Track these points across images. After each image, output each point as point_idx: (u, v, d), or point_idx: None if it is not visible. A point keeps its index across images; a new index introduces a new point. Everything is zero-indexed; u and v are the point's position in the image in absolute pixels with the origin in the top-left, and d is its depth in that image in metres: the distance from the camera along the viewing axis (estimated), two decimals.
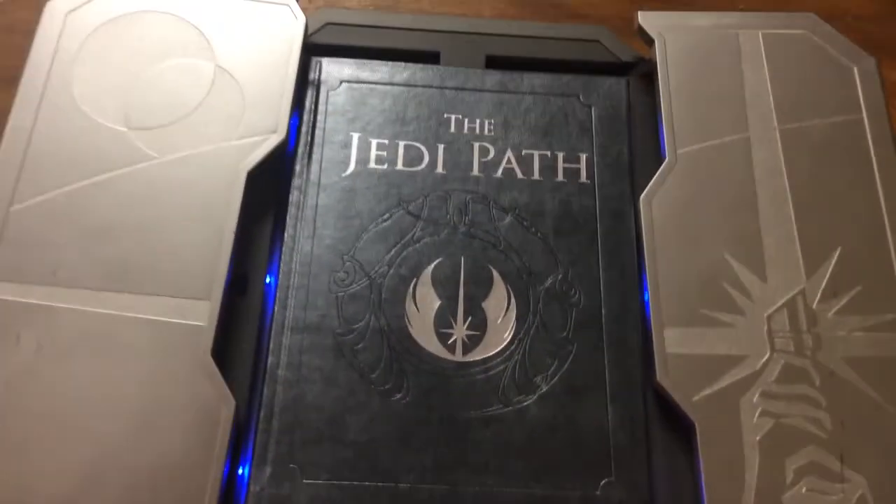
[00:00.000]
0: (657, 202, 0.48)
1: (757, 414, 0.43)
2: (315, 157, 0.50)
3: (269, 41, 0.51)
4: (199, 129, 0.48)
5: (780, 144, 0.49)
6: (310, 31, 0.53)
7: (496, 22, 0.56)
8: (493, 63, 0.54)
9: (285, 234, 0.47)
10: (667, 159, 0.48)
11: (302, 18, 0.52)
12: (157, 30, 0.51)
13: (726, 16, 0.52)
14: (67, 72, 0.49)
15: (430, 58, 0.54)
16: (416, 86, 0.52)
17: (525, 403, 0.43)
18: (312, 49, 0.53)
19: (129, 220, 0.46)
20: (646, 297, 0.46)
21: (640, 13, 0.52)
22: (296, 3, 0.52)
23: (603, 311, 0.46)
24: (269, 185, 0.49)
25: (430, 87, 0.52)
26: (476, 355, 0.45)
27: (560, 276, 0.47)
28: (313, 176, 0.49)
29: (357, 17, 0.55)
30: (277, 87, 0.50)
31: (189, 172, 0.47)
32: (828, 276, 0.46)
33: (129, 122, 0.48)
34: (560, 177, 0.50)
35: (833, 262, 0.46)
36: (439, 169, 0.50)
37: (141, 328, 0.43)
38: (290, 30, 0.52)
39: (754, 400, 0.43)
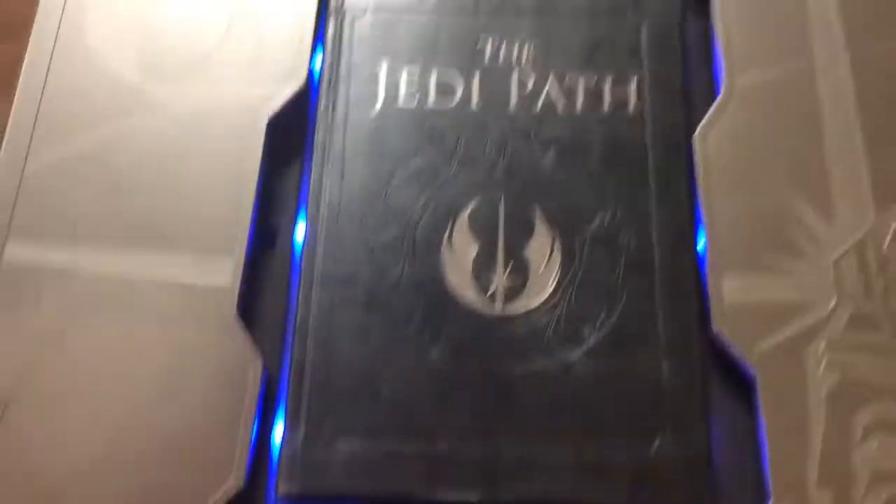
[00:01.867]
0: (713, 138, 0.45)
1: (823, 366, 0.41)
2: (341, 93, 0.48)
3: None
4: (215, 76, 0.47)
5: (848, 72, 0.46)
6: None
7: None
8: None
9: (311, 180, 0.46)
10: (723, 90, 0.46)
11: None
12: None
13: None
14: (80, 19, 0.48)
15: None
16: (448, 10, 0.50)
17: (572, 357, 0.42)
18: None
19: (148, 173, 0.45)
20: (700, 241, 0.44)
21: None
22: None
23: (655, 255, 0.44)
24: (293, 128, 0.48)
25: (465, 10, 0.50)
26: (518, 307, 0.43)
27: (608, 217, 0.45)
28: (339, 115, 0.47)
29: None
30: (297, 26, 0.48)
31: (207, 122, 0.46)
32: None
33: (144, 70, 0.47)
34: (607, 107, 0.47)
35: None
36: (474, 102, 0.48)
37: (165, 288, 0.43)
38: None
39: (820, 350, 0.41)
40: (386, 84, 0.48)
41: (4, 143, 0.46)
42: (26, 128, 0.46)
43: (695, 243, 0.44)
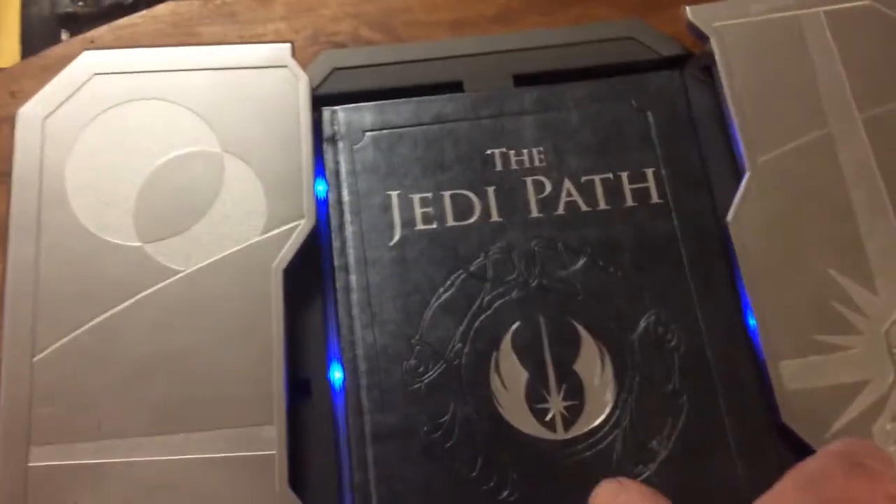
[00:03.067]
0: (745, 222, 0.46)
1: (893, 440, 0.42)
2: (354, 228, 0.47)
3: (274, 111, 0.48)
4: (219, 230, 0.46)
5: (864, 135, 0.47)
6: (315, 82, 0.50)
7: (515, 36, 0.53)
8: (522, 82, 0.51)
9: (341, 326, 0.45)
10: (748, 171, 0.46)
11: (304, 78, 0.49)
12: (148, 122, 0.48)
13: None
14: (59, 187, 0.46)
15: (452, 88, 0.51)
16: (448, 121, 0.49)
17: (645, 474, 0.42)
18: (323, 100, 0.50)
19: (166, 347, 0.44)
20: (752, 330, 0.44)
21: (688, 8, 0.49)
22: (294, 61, 0.49)
23: (708, 351, 0.44)
24: (309, 270, 0.47)
25: (465, 119, 0.49)
26: (580, 428, 0.43)
27: (653, 318, 0.45)
28: (356, 251, 0.46)
29: (363, 57, 0.51)
30: (295, 164, 0.47)
31: (219, 282, 0.45)
32: None
33: (141, 235, 0.45)
34: (629, 201, 0.47)
35: None
36: (494, 216, 0.47)
37: (206, 469, 0.42)
38: (294, 93, 0.48)
39: (887, 426, 0.42)
40: (400, 210, 0.47)
41: (4, 341, 0.44)
42: (25, 318, 0.44)
43: (745, 332, 0.45)
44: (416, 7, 0.60)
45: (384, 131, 0.49)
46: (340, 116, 0.49)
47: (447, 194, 0.47)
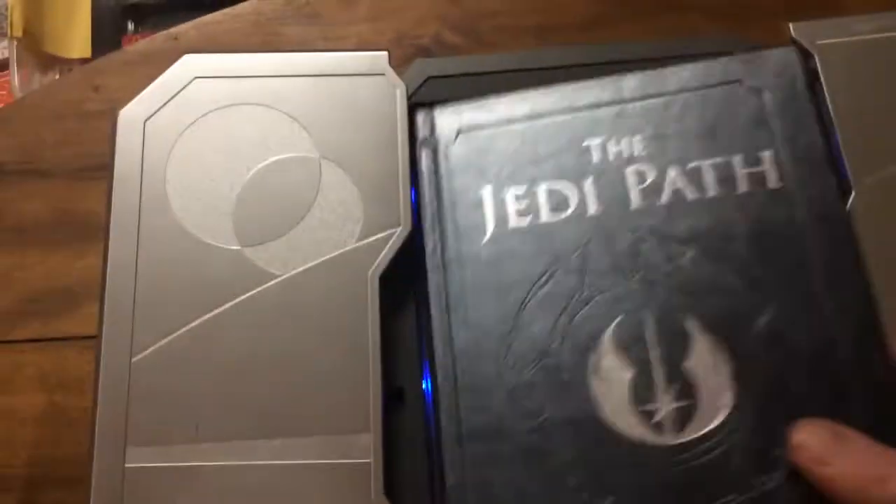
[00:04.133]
0: None
1: None
2: (447, 227, 0.47)
3: (371, 118, 0.49)
4: (316, 235, 0.47)
5: None
6: (410, 90, 0.51)
7: (611, 47, 0.53)
8: None
9: (434, 326, 0.45)
10: (854, 191, 0.46)
11: (401, 86, 0.49)
12: (247, 127, 0.49)
13: (886, 16, 0.50)
14: (160, 189, 0.47)
15: None
16: (543, 116, 0.49)
17: (769, 485, 0.40)
18: (417, 109, 0.50)
19: (264, 351, 0.45)
20: None
21: (792, 25, 0.49)
22: (391, 70, 0.50)
23: (838, 348, 0.42)
24: (403, 277, 0.47)
25: (561, 112, 0.49)
26: (693, 431, 0.41)
27: (774, 313, 0.43)
28: (450, 250, 0.46)
29: (459, 66, 0.52)
30: (391, 171, 0.48)
31: (315, 287, 0.46)
32: None
33: (240, 238, 0.46)
34: (743, 187, 0.45)
35: None
36: (591, 210, 0.46)
37: (302, 475, 0.43)
38: (391, 100, 0.49)
39: None
40: (493, 207, 0.47)
41: (104, 341, 0.45)
42: (125, 318, 0.45)
43: (879, 326, 0.42)
44: (501, 12, 0.61)
45: (477, 131, 0.49)
46: (434, 118, 0.50)
47: (541, 189, 0.47)
